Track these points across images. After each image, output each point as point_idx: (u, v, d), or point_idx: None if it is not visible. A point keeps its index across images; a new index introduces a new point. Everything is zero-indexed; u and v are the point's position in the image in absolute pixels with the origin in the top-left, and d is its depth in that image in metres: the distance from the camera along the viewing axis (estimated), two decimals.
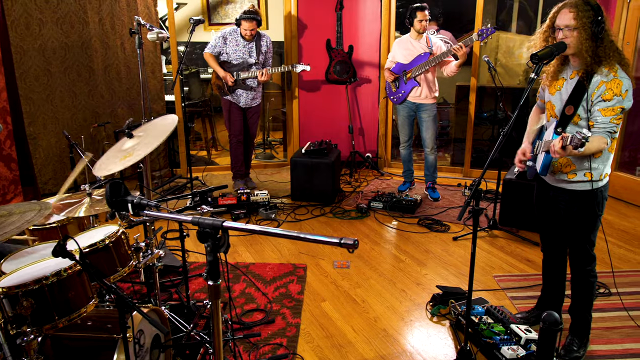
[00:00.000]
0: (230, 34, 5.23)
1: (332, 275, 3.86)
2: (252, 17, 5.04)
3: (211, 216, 2.75)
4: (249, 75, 5.22)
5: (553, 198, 2.86)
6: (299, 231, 1.37)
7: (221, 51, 5.26)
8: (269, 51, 5.34)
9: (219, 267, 1.63)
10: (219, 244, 1.59)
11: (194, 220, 1.61)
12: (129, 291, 3.59)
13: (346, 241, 1.26)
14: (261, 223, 4.80)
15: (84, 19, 5.16)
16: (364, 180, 5.92)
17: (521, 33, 7.24)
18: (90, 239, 2.53)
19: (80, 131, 5.32)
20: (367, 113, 6.24)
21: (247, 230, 1.52)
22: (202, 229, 1.58)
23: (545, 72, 2.72)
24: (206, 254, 1.61)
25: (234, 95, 5.32)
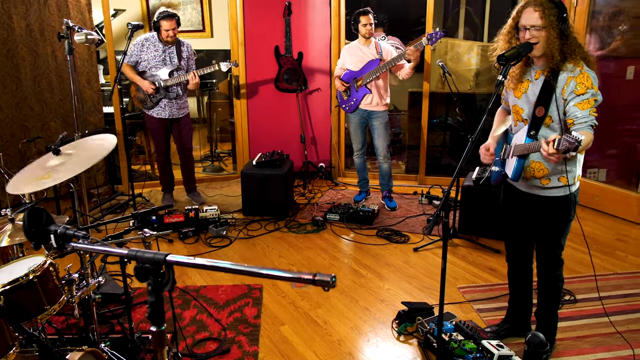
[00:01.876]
0: (147, 39, 4.83)
1: (290, 296, 3.60)
2: (172, 14, 4.70)
3: (156, 240, 2.45)
4: (173, 81, 4.86)
5: (523, 204, 2.73)
6: (259, 266, 1.12)
7: (138, 59, 4.84)
8: (190, 57, 5.00)
9: (163, 310, 1.35)
10: (162, 282, 1.32)
11: (131, 254, 1.33)
12: (64, 325, 3.22)
13: (322, 278, 1.02)
14: (211, 241, 4.48)
15: (8, 25, 4.71)
16: (319, 191, 5.70)
17: (468, 39, 7.26)
18: (10, 274, 2.18)
19: (7, 148, 4.85)
20: (319, 121, 6.04)
21: (195, 265, 1.26)
22: (141, 265, 1.31)
23: (510, 75, 2.59)
24: (147, 294, 1.33)
25: (159, 107, 4.95)
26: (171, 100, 4.90)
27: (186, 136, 5.12)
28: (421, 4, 7.38)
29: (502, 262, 4.03)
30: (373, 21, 4.80)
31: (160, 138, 5.07)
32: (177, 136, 5.09)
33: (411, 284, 3.74)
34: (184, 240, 4.49)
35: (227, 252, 4.32)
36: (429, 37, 4.50)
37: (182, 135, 5.08)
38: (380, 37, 5.67)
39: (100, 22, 6.16)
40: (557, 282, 2.80)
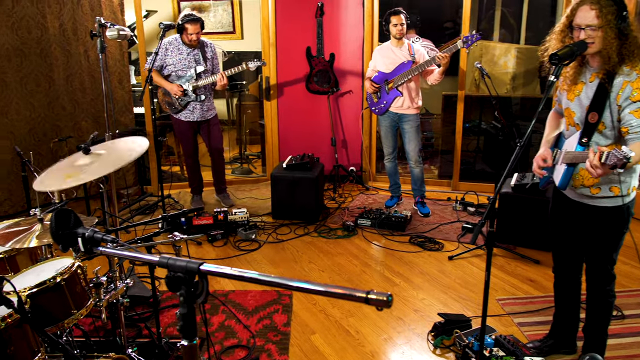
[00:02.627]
0: (171, 43, 4.76)
1: (321, 303, 3.48)
2: (197, 18, 4.63)
3: (185, 243, 2.36)
4: (200, 83, 4.79)
5: (573, 214, 2.56)
6: (313, 281, 1.01)
7: (163, 64, 4.79)
8: (215, 57, 4.94)
9: (195, 322, 1.25)
10: (195, 292, 1.22)
11: (162, 262, 1.24)
12: (91, 327, 3.16)
13: (376, 296, 0.90)
14: (240, 244, 4.40)
15: (42, 24, 4.72)
16: (349, 196, 5.58)
17: (504, 41, 7.06)
18: (38, 276, 2.12)
19: (39, 147, 4.86)
20: (350, 124, 5.92)
21: (234, 277, 1.15)
22: (173, 274, 1.21)
23: (564, 76, 2.42)
24: (179, 305, 1.23)
25: (187, 110, 4.89)
26: (200, 102, 4.84)
27: (216, 137, 5.05)
28: (454, 5, 7.24)
29: (543, 273, 3.85)
30: (405, 22, 4.66)
31: (189, 141, 5.02)
32: (207, 137, 5.03)
33: (447, 294, 3.59)
34: (213, 243, 4.41)
35: (255, 256, 4.23)
36: (464, 40, 4.35)
37: (211, 136, 5.01)
38: (415, 39, 5.52)
39: (132, 22, 6.17)
40: (607, 297, 2.62)
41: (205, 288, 1.21)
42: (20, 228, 2.44)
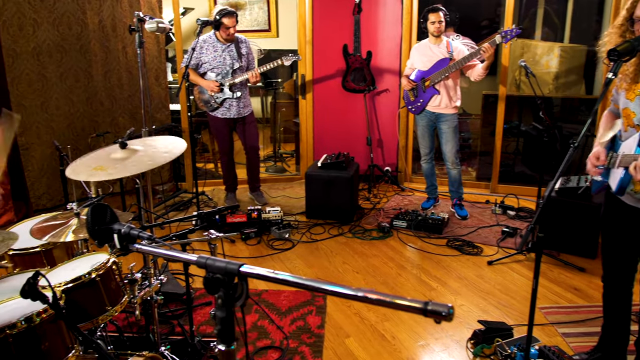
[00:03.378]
0: (205, 41, 4.74)
1: (355, 306, 3.40)
2: (232, 11, 4.59)
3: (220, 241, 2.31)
4: (235, 80, 4.77)
5: (628, 220, 2.40)
6: (365, 288, 0.93)
7: (198, 62, 4.77)
8: (250, 53, 4.91)
9: (234, 327, 1.18)
10: (234, 295, 1.15)
11: (200, 262, 1.17)
12: (125, 322, 3.15)
13: (435, 308, 0.82)
14: (274, 243, 4.35)
15: (82, 20, 4.77)
16: (384, 196, 5.47)
17: (546, 40, 6.82)
18: (73, 271, 2.10)
19: (77, 142, 4.92)
20: (386, 123, 5.81)
21: (278, 280, 1.08)
22: (211, 275, 1.14)
23: (623, 73, 2.27)
24: (216, 307, 1.17)
25: (224, 108, 4.87)
26: (236, 98, 4.82)
27: (252, 134, 5.02)
28: (492, 3, 7.04)
29: (588, 281, 3.67)
30: (443, 19, 4.53)
31: (224, 138, 5.00)
32: (242, 135, 5.00)
33: (486, 301, 3.46)
34: (246, 241, 4.37)
35: (289, 255, 4.17)
36: (503, 35, 4.21)
37: (247, 133, 4.99)
38: (454, 37, 5.37)
39: (169, 20, 6.20)
40: None
41: (245, 291, 1.14)
42: (57, 222, 2.44)
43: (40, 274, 1.52)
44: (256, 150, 5.13)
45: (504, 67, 5.32)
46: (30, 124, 4.62)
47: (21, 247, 2.52)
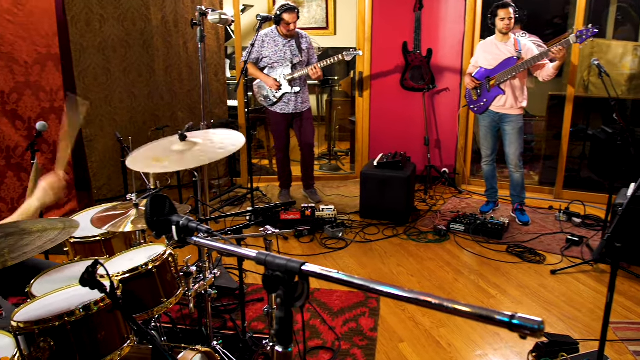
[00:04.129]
0: (267, 35, 4.76)
1: (410, 310, 3.29)
2: (294, 7, 4.58)
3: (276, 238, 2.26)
4: (295, 75, 4.74)
5: None
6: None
7: (259, 56, 4.78)
8: (310, 48, 4.86)
9: (292, 328, 1.13)
10: (294, 295, 1.09)
11: (260, 258, 1.12)
12: (178, 314, 3.18)
13: (523, 321, 0.73)
14: (327, 242, 4.29)
15: (146, 16, 4.88)
16: (441, 198, 5.31)
17: (620, 39, 6.45)
18: (131, 261, 2.11)
19: (138, 135, 5.02)
20: (445, 123, 5.65)
21: (342, 282, 1.01)
22: (271, 273, 1.09)
23: None
24: (276, 307, 1.11)
25: (282, 103, 4.85)
26: (294, 94, 4.80)
27: (308, 131, 4.99)
28: (561, 1, 6.72)
29: None
30: (513, 15, 4.33)
31: (282, 134, 5.00)
32: (299, 131, 4.98)
33: (549, 312, 3.27)
34: (299, 239, 4.34)
35: (342, 255, 4.10)
36: (578, 35, 3.98)
37: (304, 130, 4.96)
38: (520, 34, 5.15)
39: (230, 16, 6.26)
40: None
41: (306, 291, 1.08)
42: (117, 212, 2.47)
43: (99, 262, 1.52)
44: (311, 148, 5.10)
45: (573, 66, 5.07)
46: (94, 117, 4.76)
47: (82, 236, 2.57)
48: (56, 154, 4.45)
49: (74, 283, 1.90)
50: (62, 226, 1.60)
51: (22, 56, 4.13)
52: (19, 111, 4.16)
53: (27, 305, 1.80)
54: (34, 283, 2.16)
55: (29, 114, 4.21)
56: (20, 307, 1.78)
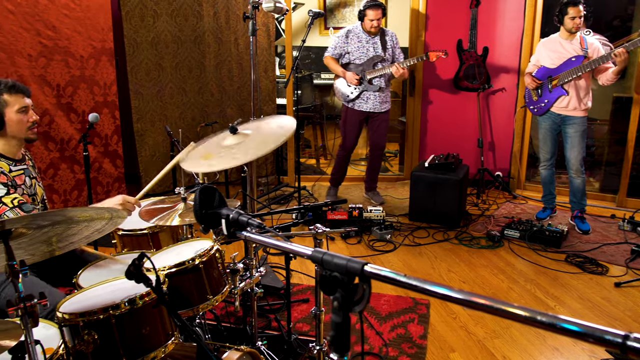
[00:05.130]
0: (351, 31, 4.70)
1: (462, 318, 3.14)
2: (378, 4, 4.49)
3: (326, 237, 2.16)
4: (376, 73, 4.64)
5: None
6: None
7: (342, 52, 4.73)
8: (396, 46, 4.74)
9: (349, 335, 1.02)
10: (353, 299, 0.99)
11: (316, 257, 1.02)
12: (223, 312, 3.13)
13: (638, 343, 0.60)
14: (374, 244, 4.17)
15: (198, 12, 4.88)
16: (494, 203, 5.09)
17: None
18: (177, 255, 2.05)
19: (187, 131, 5.05)
20: (500, 125, 5.42)
21: (411, 286, 0.90)
22: (328, 273, 0.99)
23: None
24: (332, 311, 1.01)
25: (360, 100, 4.76)
26: (374, 92, 4.70)
27: (382, 134, 4.88)
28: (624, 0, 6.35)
29: None
30: (583, 13, 4.09)
31: (353, 133, 4.89)
32: (372, 132, 4.89)
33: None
34: (346, 240, 4.24)
35: (390, 258, 3.97)
36: None
37: (377, 131, 4.85)
38: (585, 32, 4.87)
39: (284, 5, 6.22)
40: None
41: (367, 295, 0.98)
42: (165, 205, 2.43)
43: (146, 255, 1.46)
44: (381, 150, 4.99)
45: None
46: (145, 111, 4.79)
47: (130, 228, 2.55)
48: (107, 148, 4.51)
49: (120, 275, 1.86)
50: (109, 216, 1.56)
51: (78, 50, 4.20)
52: (73, 104, 4.24)
53: (73, 297, 1.77)
54: (82, 274, 2.14)
55: (83, 107, 4.28)
56: (66, 298, 1.75)
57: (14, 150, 2.32)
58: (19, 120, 2.24)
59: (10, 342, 1.39)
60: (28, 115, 2.29)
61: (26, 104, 2.28)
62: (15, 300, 1.32)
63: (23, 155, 2.41)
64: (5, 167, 2.23)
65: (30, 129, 2.31)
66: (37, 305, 1.34)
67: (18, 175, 2.29)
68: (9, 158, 2.28)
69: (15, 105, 2.23)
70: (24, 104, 2.26)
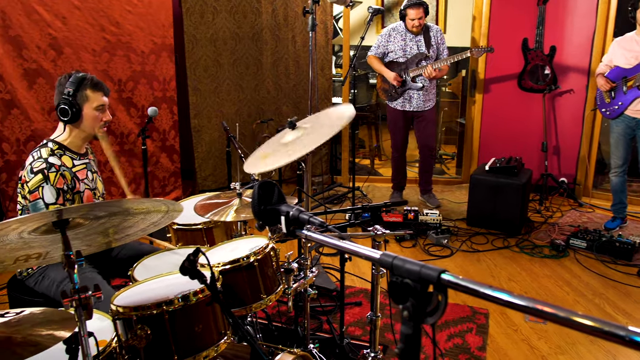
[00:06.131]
0: (394, 29, 4.58)
1: (523, 331, 2.96)
2: (419, 3, 4.35)
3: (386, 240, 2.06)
4: (419, 71, 4.51)
5: None
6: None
7: (385, 51, 4.62)
8: (440, 43, 4.58)
9: (420, 349, 0.93)
10: (426, 310, 0.89)
11: (386, 261, 0.93)
12: (274, 311, 3.08)
13: None
14: (430, 248, 4.03)
15: (257, 9, 4.88)
16: (557, 210, 4.83)
17: None
18: (232, 252, 2.01)
19: (243, 127, 5.05)
20: (566, 128, 5.14)
21: (494, 299, 0.80)
22: (399, 279, 0.90)
23: None
24: (402, 321, 0.92)
25: (403, 99, 4.63)
26: (417, 90, 4.57)
27: (429, 133, 4.74)
28: None
29: None
30: None
31: (400, 132, 4.78)
32: (419, 132, 4.76)
33: None
34: (400, 243, 4.11)
35: (447, 263, 3.82)
36: None
37: (424, 131, 4.71)
38: None
39: (338, 13, 6.15)
40: None
41: (443, 306, 0.88)
42: (220, 201, 2.40)
43: (201, 251, 1.41)
44: (431, 150, 4.84)
45: None
46: (202, 108, 4.83)
47: (184, 223, 2.54)
48: (164, 143, 4.57)
49: (174, 270, 1.83)
50: (166, 209, 1.52)
51: (139, 46, 4.26)
52: (133, 99, 4.31)
53: (128, 289, 1.75)
54: (137, 266, 2.13)
55: (143, 102, 4.34)
56: (121, 291, 1.73)
57: (80, 144, 2.34)
58: (95, 117, 2.27)
59: (65, 333, 1.37)
60: (104, 114, 2.31)
61: (104, 102, 2.30)
62: (70, 292, 1.29)
63: (86, 150, 2.43)
64: (69, 162, 2.25)
65: (101, 127, 2.34)
66: (92, 297, 1.31)
67: (81, 170, 2.31)
68: (73, 152, 2.31)
69: (95, 102, 2.26)
70: (102, 102, 2.29)
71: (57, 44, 3.77)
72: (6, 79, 3.55)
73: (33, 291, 2.24)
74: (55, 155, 2.21)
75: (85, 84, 2.23)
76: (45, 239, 1.43)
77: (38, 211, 2.10)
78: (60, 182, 2.15)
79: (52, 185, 2.11)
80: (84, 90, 2.23)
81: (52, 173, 2.13)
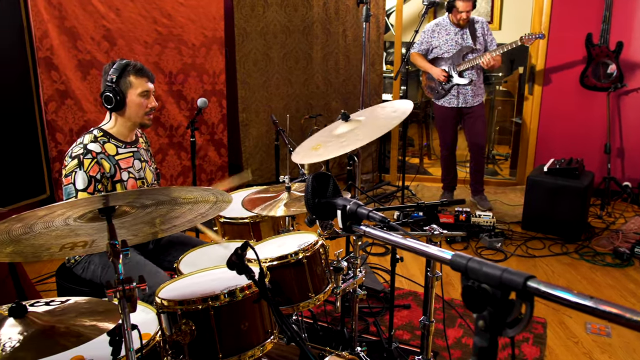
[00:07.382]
0: (437, 24, 4.41)
1: (584, 343, 2.77)
2: None
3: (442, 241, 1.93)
4: (466, 65, 4.32)
5: None
6: None
7: (429, 47, 4.46)
8: (487, 34, 4.37)
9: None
10: (506, 320, 0.78)
11: (459, 262, 0.82)
12: (320, 310, 2.99)
13: None
14: (483, 252, 3.85)
15: (308, 2, 4.80)
16: (620, 216, 4.54)
17: None
18: (280, 247, 1.93)
19: (291, 122, 4.97)
20: (632, 129, 4.84)
21: (590, 310, 0.68)
22: (475, 284, 0.79)
23: None
24: (475, 332, 0.81)
25: (451, 95, 4.45)
26: (465, 85, 4.39)
27: (479, 131, 4.52)
28: None
29: None
30: None
31: (448, 130, 4.62)
32: (468, 130, 4.57)
33: None
34: (451, 245, 3.95)
35: None
36: None
37: (474, 128, 4.51)
38: None
39: (390, 7, 6.02)
40: None
41: (528, 317, 0.76)
42: (268, 195, 2.33)
43: (249, 245, 1.33)
44: (481, 149, 4.63)
45: None
46: (251, 102, 4.79)
47: (232, 216, 2.48)
48: (213, 136, 4.54)
49: (221, 264, 1.77)
50: (214, 199, 1.45)
51: (190, 38, 4.26)
52: (183, 92, 4.31)
53: (173, 282, 1.70)
54: (183, 259, 2.09)
55: (192, 95, 4.34)
56: (166, 283, 1.68)
57: (126, 133, 2.31)
58: (140, 103, 2.24)
59: (108, 325, 1.32)
60: (149, 100, 2.27)
61: (149, 88, 2.27)
62: (114, 282, 1.24)
63: (136, 138, 2.40)
64: (112, 150, 2.23)
65: (147, 114, 2.30)
66: (136, 289, 1.26)
67: (126, 158, 2.28)
68: (119, 140, 2.28)
69: (139, 89, 2.22)
70: (147, 88, 2.25)
71: (110, 35, 3.80)
72: (61, 69, 3.60)
73: (80, 280, 2.23)
74: (98, 142, 2.18)
75: (129, 70, 2.19)
76: (92, 226, 1.39)
77: (68, 197, 2.09)
78: (94, 170, 2.12)
79: (84, 172, 2.09)
80: (127, 77, 2.19)
81: (87, 159, 2.10)
